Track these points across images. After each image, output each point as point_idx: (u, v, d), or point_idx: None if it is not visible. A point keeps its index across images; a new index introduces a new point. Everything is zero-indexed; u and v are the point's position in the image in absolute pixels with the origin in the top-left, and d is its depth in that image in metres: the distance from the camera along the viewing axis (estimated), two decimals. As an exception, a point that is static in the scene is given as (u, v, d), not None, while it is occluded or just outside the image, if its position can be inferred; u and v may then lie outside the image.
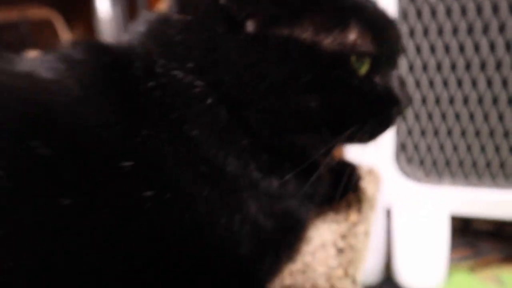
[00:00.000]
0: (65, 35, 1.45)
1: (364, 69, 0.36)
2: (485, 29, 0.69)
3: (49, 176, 0.28)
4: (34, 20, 1.39)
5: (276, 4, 0.35)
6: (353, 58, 0.35)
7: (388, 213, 0.80)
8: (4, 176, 0.27)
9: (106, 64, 0.36)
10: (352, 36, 0.35)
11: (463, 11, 0.69)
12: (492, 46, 0.70)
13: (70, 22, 1.48)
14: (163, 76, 0.35)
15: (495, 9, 0.68)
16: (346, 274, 0.44)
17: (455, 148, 0.78)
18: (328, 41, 0.35)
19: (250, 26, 0.35)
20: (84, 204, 0.29)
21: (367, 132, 0.39)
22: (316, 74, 0.34)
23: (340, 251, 0.46)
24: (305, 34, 0.34)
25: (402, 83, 0.39)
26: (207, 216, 0.34)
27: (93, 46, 0.38)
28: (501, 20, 0.68)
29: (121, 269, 0.30)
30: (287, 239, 0.41)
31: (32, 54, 0.37)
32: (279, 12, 0.35)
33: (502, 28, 0.69)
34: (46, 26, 1.43)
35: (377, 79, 0.38)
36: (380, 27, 0.37)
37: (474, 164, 0.77)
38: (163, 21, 0.38)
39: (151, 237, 0.31)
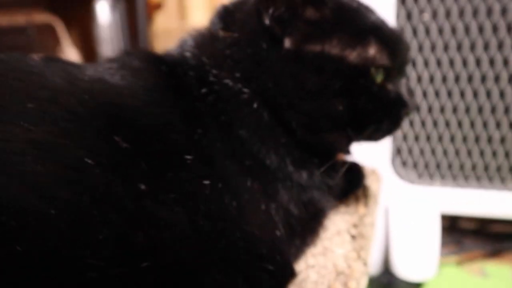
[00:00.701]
0: (66, 40, 1.48)
1: (379, 78, 0.43)
2: (472, 47, 0.78)
3: (130, 165, 0.33)
4: (35, 25, 1.41)
5: (308, 25, 0.42)
6: (372, 70, 0.42)
7: (386, 212, 0.87)
8: (96, 164, 0.31)
9: (164, 72, 0.41)
10: (372, 51, 0.42)
11: (453, 30, 0.77)
12: (478, 62, 0.79)
13: (70, 27, 1.52)
14: (216, 84, 0.41)
15: (481, 29, 0.77)
16: (359, 257, 0.51)
17: (445, 152, 0.86)
18: (353, 55, 0.41)
19: (288, 43, 0.41)
20: (156, 189, 0.34)
21: (381, 131, 0.46)
22: (343, 83, 0.41)
23: (353, 237, 0.53)
24: (334, 50, 0.41)
25: (411, 91, 0.47)
26: (250, 203, 0.40)
27: (148, 56, 0.44)
28: (485, 40, 0.77)
29: (184, 243, 0.35)
30: (311, 225, 0.47)
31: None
32: (311, 32, 0.41)
33: (486, 47, 0.78)
34: (47, 31, 1.46)
35: (390, 86, 0.45)
36: (393, 43, 0.44)
37: (462, 167, 0.86)
38: (210, 37, 0.44)
39: (210, 219, 0.36)
